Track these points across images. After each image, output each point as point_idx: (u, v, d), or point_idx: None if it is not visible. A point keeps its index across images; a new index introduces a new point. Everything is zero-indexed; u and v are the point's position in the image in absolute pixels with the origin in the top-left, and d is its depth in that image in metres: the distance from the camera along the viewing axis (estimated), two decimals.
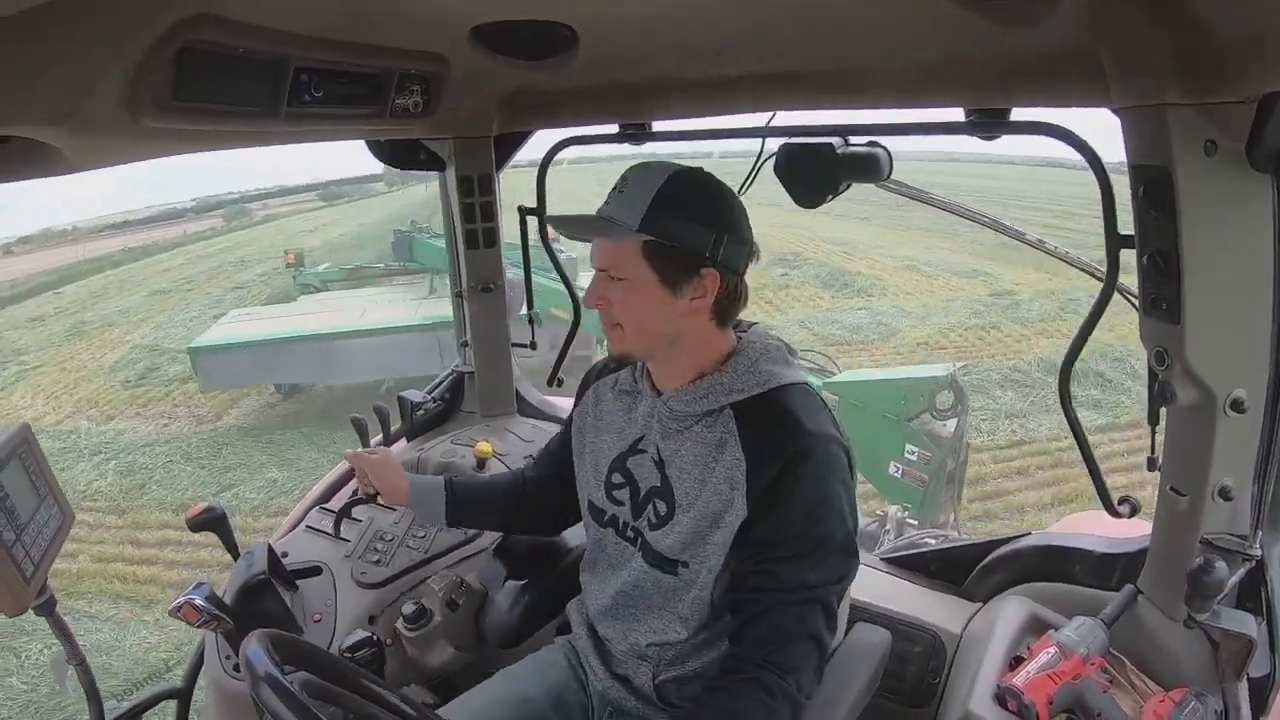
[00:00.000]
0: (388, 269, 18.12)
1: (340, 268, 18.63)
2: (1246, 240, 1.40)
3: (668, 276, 1.54)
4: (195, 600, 1.78)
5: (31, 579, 1.62)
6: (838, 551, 1.53)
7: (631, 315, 1.59)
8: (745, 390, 1.59)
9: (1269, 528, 1.58)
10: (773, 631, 1.50)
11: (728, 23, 1.71)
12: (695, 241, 1.53)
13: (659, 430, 1.67)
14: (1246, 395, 1.47)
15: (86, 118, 1.28)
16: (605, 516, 1.77)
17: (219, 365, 12.75)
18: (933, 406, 6.59)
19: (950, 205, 2.52)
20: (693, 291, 1.55)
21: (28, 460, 1.71)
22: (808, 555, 1.50)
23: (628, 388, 1.79)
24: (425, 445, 2.92)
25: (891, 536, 5.81)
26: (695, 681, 1.66)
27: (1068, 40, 1.43)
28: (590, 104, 2.35)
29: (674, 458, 1.64)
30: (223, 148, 1.87)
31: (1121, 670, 1.69)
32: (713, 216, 1.55)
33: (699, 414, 1.61)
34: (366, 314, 14.10)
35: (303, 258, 18.38)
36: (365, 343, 12.86)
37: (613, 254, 1.57)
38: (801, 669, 1.49)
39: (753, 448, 1.55)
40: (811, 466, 1.51)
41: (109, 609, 7.70)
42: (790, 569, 1.50)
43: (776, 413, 1.57)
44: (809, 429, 1.53)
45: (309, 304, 15.99)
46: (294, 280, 17.75)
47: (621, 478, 1.73)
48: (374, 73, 1.85)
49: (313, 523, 2.50)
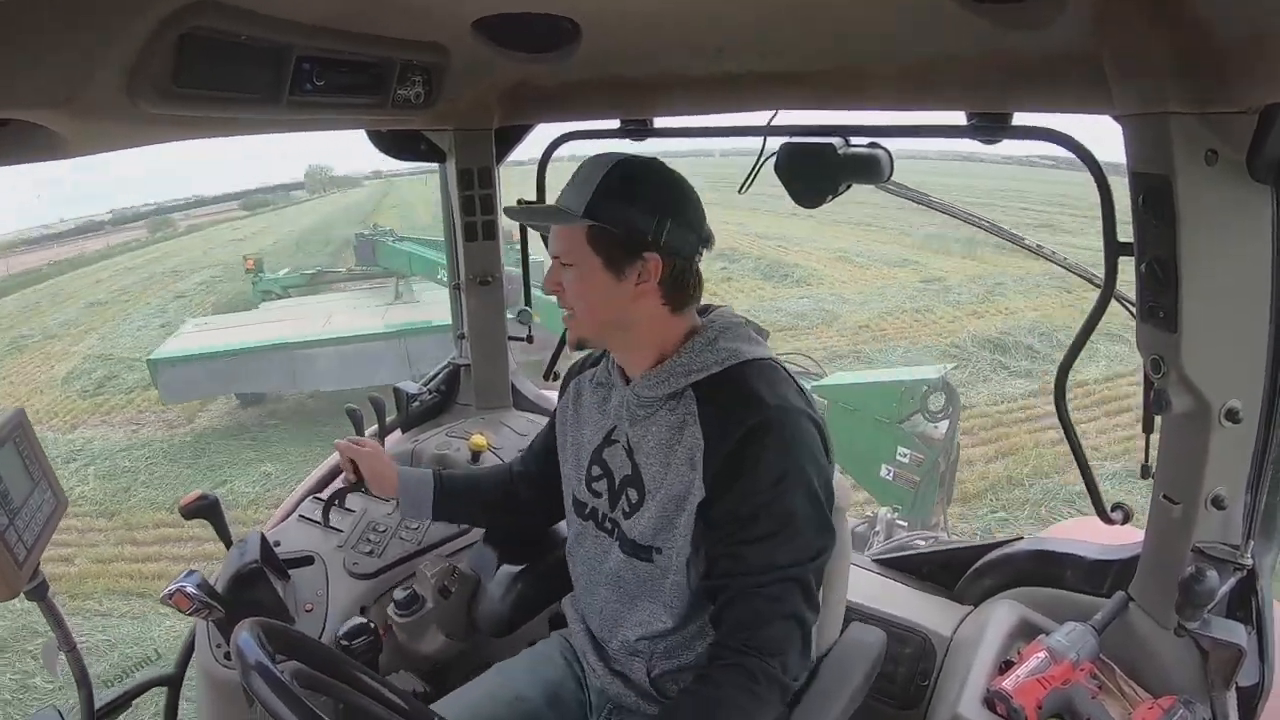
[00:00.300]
0: (350, 274, 17.89)
1: (301, 273, 18.32)
2: (1245, 250, 1.40)
3: (611, 260, 1.56)
4: (186, 588, 1.78)
5: (24, 563, 1.62)
6: (808, 528, 1.51)
7: (581, 300, 1.62)
8: (705, 369, 1.59)
9: (1261, 538, 1.59)
10: (750, 615, 1.49)
11: (730, 20, 1.70)
12: (637, 225, 1.54)
13: (627, 418, 1.67)
14: (1242, 405, 1.47)
15: (86, 102, 1.28)
16: (586, 509, 1.77)
17: (180, 377, 12.57)
18: (925, 408, 6.59)
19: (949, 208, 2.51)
20: (636, 275, 1.56)
21: (21, 444, 1.71)
22: (775, 534, 1.49)
23: (603, 380, 1.79)
24: (420, 437, 2.92)
25: (881, 538, 5.82)
26: (690, 673, 1.65)
27: (1070, 45, 1.42)
28: (591, 98, 2.35)
29: (641, 443, 1.64)
30: (223, 134, 1.86)
31: (1111, 677, 1.69)
32: (654, 202, 1.56)
33: (662, 397, 1.61)
34: (332, 321, 13.99)
35: (262, 263, 17.97)
36: (332, 352, 12.73)
37: (563, 240, 1.60)
38: (785, 650, 1.48)
39: (712, 425, 1.56)
40: (774, 439, 1.50)
41: (122, 605, 7.85)
42: (758, 550, 1.49)
43: (736, 388, 1.56)
44: (770, 402, 1.52)
45: (271, 311, 15.78)
46: (254, 286, 17.39)
47: (599, 469, 1.74)
48: (375, 62, 1.84)
49: (306, 512, 2.50)
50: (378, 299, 15.62)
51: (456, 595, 2.11)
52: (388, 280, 16.35)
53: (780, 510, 1.49)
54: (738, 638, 1.49)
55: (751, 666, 1.46)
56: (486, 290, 2.99)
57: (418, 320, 13.34)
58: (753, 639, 1.48)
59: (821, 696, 1.69)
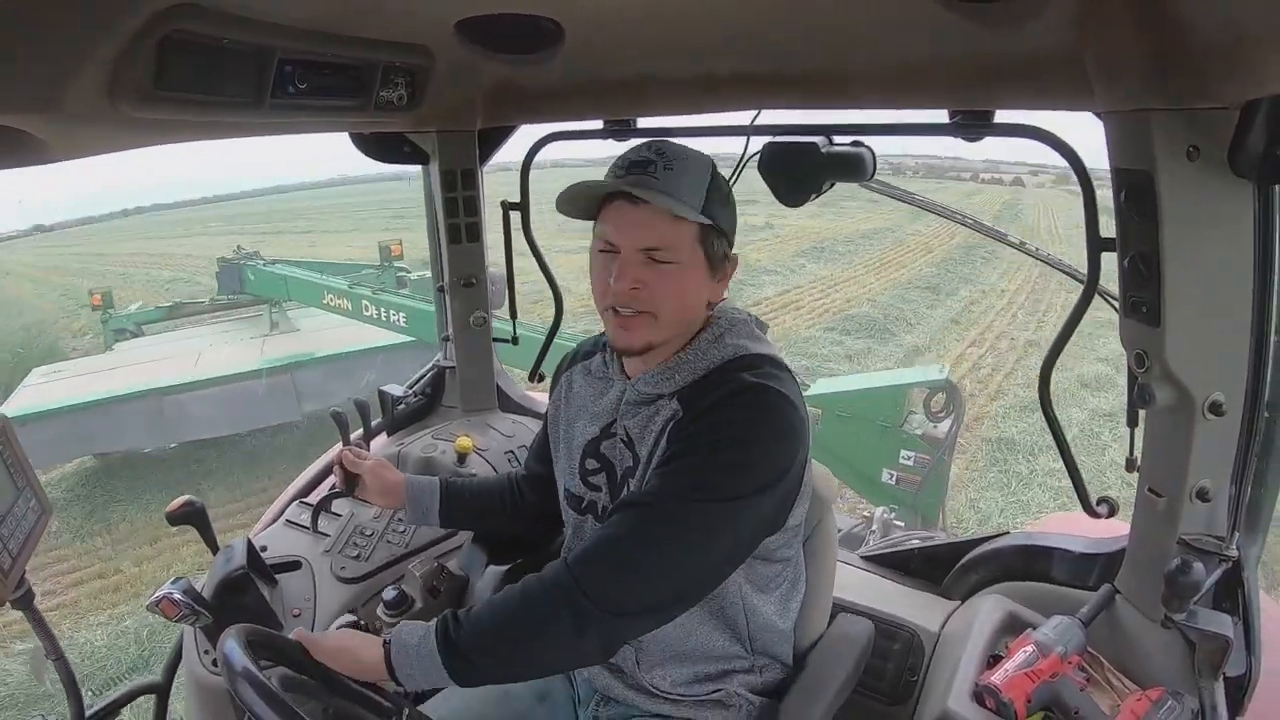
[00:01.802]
0: (213, 304, 16.11)
1: (156, 306, 16.30)
2: (1227, 245, 1.41)
3: (713, 262, 1.56)
4: (173, 594, 1.76)
5: (9, 572, 1.60)
6: (732, 474, 1.44)
7: (674, 300, 1.54)
8: (709, 365, 1.58)
9: (1246, 529, 1.61)
10: (598, 530, 1.50)
11: (713, 21, 1.70)
12: (729, 228, 1.58)
13: (626, 412, 1.66)
14: (1225, 398, 1.48)
15: (69, 107, 1.27)
16: (583, 503, 1.74)
17: (28, 439, 10.02)
18: (929, 410, 6.60)
19: (931, 205, 2.53)
20: (722, 277, 1.60)
21: (5, 453, 1.69)
22: (689, 460, 1.45)
23: (600, 373, 1.77)
24: (406, 440, 2.91)
25: (877, 537, 5.82)
26: (675, 661, 1.65)
27: (1052, 43, 1.43)
28: (575, 100, 2.34)
29: (642, 435, 1.62)
30: (206, 138, 1.85)
31: (1099, 669, 1.70)
32: (731, 207, 1.60)
33: (666, 394, 1.60)
34: (202, 360, 12.52)
35: (110, 297, 15.70)
36: (207, 395, 11.24)
37: (669, 234, 1.50)
38: (596, 570, 1.42)
39: (686, 400, 1.55)
40: (740, 401, 1.48)
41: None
42: (665, 475, 1.47)
43: (727, 372, 1.55)
44: (748, 379, 1.50)
45: (129, 352, 14.05)
46: (103, 325, 15.19)
47: (596, 463, 1.71)
48: (358, 65, 1.84)
49: (292, 517, 2.49)
50: (250, 330, 14.30)
51: (445, 595, 2.10)
52: (259, 308, 15.07)
53: (705, 449, 1.45)
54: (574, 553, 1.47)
55: (545, 571, 1.45)
56: (471, 292, 2.98)
57: (301, 352, 12.28)
58: (578, 549, 1.46)
59: (809, 688, 1.70)
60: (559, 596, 1.40)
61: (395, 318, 11.39)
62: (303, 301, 13.92)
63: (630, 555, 1.42)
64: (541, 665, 1.50)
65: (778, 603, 1.69)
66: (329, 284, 12.84)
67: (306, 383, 11.44)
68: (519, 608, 1.41)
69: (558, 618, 1.39)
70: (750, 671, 1.69)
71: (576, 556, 1.43)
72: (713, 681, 1.67)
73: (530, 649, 1.41)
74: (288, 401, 11.24)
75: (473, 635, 1.39)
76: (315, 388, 11.34)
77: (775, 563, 1.66)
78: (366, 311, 11.84)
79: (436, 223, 2.93)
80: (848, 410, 6.84)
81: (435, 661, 1.39)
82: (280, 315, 14.58)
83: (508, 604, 1.42)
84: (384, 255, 15.58)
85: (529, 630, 1.40)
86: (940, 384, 6.64)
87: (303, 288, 13.61)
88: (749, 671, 1.69)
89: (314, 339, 13.01)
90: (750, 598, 1.63)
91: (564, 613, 1.39)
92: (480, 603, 1.45)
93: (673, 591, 1.46)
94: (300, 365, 11.76)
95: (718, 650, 1.65)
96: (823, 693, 1.70)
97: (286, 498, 2.80)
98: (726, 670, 1.67)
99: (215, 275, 15.51)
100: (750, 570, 1.61)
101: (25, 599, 1.71)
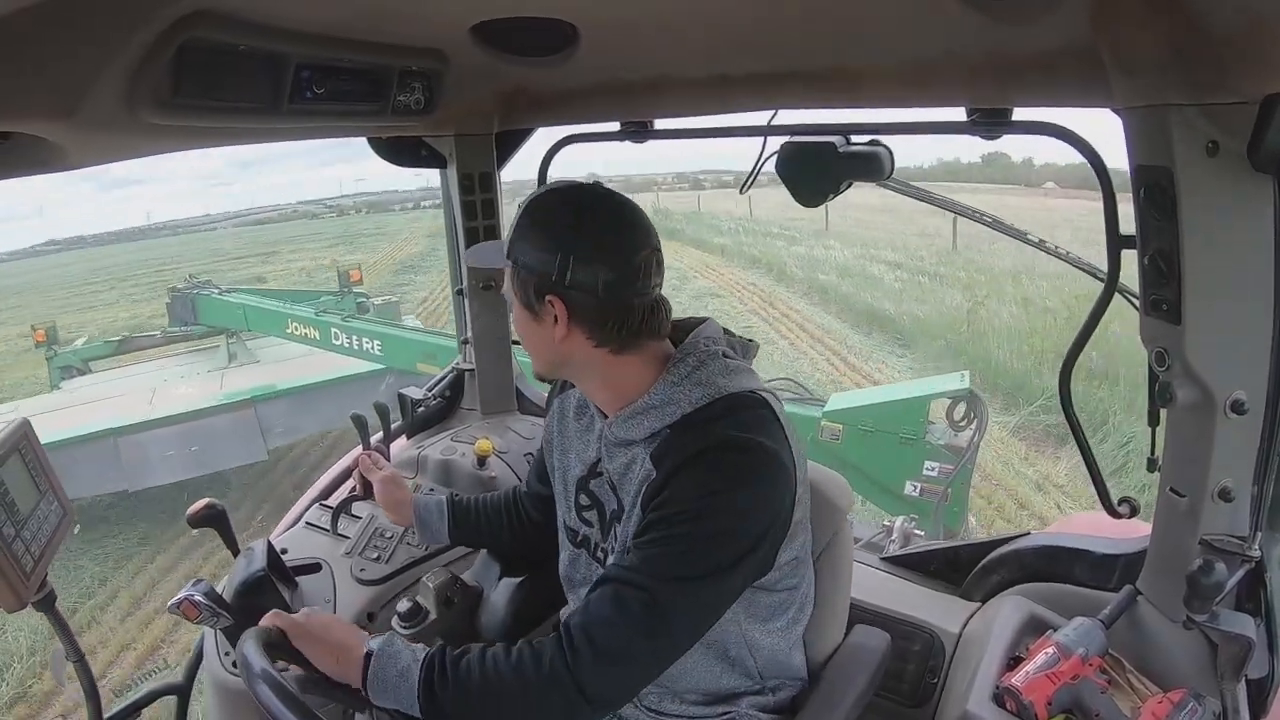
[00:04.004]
0: (165, 336, 14.81)
1: (104, 340, 14.91)
2: (1248, 241, 1.40)
3: (525, 302, 1.52)
4: (194, 596, 1.78)
5: (32, 574, 1.62)
6: (713, 549, 1.40)
7: (521, 339, 1.62)
8: (683, 406, 1.50)
9: (1268, 529, 1.58)
10: (586, 602, 1.44)
11: (728, 21, 1.70)
12: (539, 268, 1.48)
13: (607, 454, 1.62)
14: (1247, 396, 1.46)
15: (88, 114, 1.28)
16: (578, 537, 1.72)
17: None
18: (951, 419, 6.55)
19: (950, 204, 2.52)
20: (549, 317, 1.49)
21: (28, 455, 1.71)
22: (669, 542, 1.39)
23: (581, 409, 1.74)
24: (425, 443, 2.92)
25: (896, 546, 5.76)
26: (680, 697, 1.64)
27: (1068, 38, 1.42)
28: (591, 101, 2.35)
29: (622, 481, 1.58)
30: (224, 144, 1.87)
31: (1120, 671, 1.69)
32: (555, 241, 1.47)
33: (639, 440, 1.54)
34: (157, 397, 11.45)
35: (55, 332, 14.31)
36: (167, 434, 10.17)
37: (505, 278, 1.59)
38: (583, 651, 1.37)
39: (659, 458, 1.48)
40: (708, 462, 1.41)
41: None
42: (642, 552, 1.41)
43: (697, 423, 1.48)
44: (721, 432, 1.44)
45: (76, 391, 12.86)
46: (49, 362, 13.85)
47: (588, 499, 1.69)
48: (375, 70, 1.85)
49: (312, 519, 2.50)
50: (207, 363, 13.28)
51: (459, 606, 2.11)
52: (215, 339, 14.08)
53: (688, 521, 1.39)
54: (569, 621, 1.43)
55: (541, 649, 1.40)
56: (489, 295, 2.99)
57: (262, 384, 11.33)
58: (570, 624, 1.41)
59: (826, 702, 1.68)
60: (552, 684, 1.36)
61: (369, 345, 10.90)
62: (264, 331, 13.21)
63: (629, 649, 1.39)
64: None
65: (783, 630, 1.63)
66: (293, 312, 12.28)
67: (271, 415, 10.71)
68: (511, 683, 1.37)
69: (547, 706, 1.38)
70: (761, 693, 1.66)
71: (573, 648, 1.38)
72: (722, 704, 1.64)
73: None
74: (251, 437, 10.37)
75: (457, 694, 1.37)
76: (279, 421, 10.71)
77: (778, 592, 1.59)
78: (336, 340, 11.28)
79: (455, 226, 2.94)
80: (870, 424, 6.74)
81: (412, 701, 1.37)
82: (238, 346, 13.67)
83: (499, 675, 1.38)
84: (343, 282, 14.82)
85: (514, 709, 1.38)
86: (962, 393, 6.58)
87: (263, 317, 12.90)
88: (759, 693, 1.66)
89: (277, 370, 12.15)
90: (751, 632, 1.58)
91: (554, 702, 1.37)
92: (472, 654, 1.41)
93: (649, 676, 1.46)
94: (266, 399, 10.90)
95: (726, 683, 1.62)
96: (840, 706, 1.68)
97: (307, 500, 2.82)
98: (735, 693, 1.64)
99: (166, 306, 14.67)
100: (750, 605, 1.55)
101: (47, 601, 1.73)
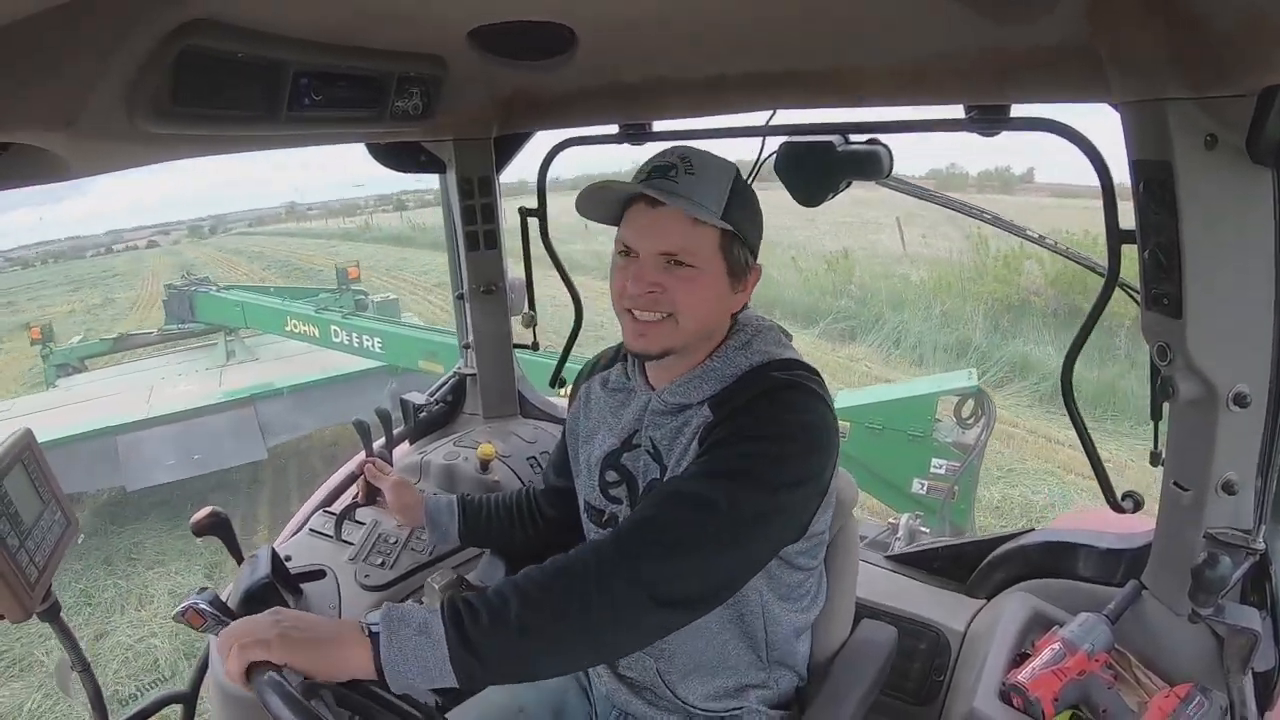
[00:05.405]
0: (162, 334, 15.07)
1: (101, 339, 15.14)
2: (1248, 234, 1.40)
3: (734, 270, 1.51)
4: (199, 604, 1.77)
5: (36, 584, 1.61)
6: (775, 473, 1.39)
7: (693, 307, 1.49)
8: (736, 372, 1.54)
9: (1273, 522, 1.58)
10: (645, 506, 1.43)
11: (725, 22, 1.70)
12: (754, 239, 1.54)
13: (651, 423, 1.62)
14: (1249, 389, 1.47)
15: (87, 123, 1.28)
16: (604, 517, 1.71)
17: None
18: (959, 416, 6.55)
19: (951, 201, 2.51)
20: (744, 286, 1.56)
21: (30, 465, 1.71)
22: (732, 463, 1.39)
23: (619, 385, 1.73)
24: (428, 448, 2.92)
25: (902, 544, 5.76)
26: (696, 673, 1.63)
27: (1066, 35, 1.42)
28: (590, 104, 2.35)
29: (670, 445, 1.58)
30: (223, 152, 1.87)
31: (1126, 666, 1.69)
32: (759, 214, 1.57)
33: (695, 403, 1.56)
34: (155, 395, 11.49)
35: (51, 330, 14.51)
36: (164, 433, 10.14)
37: (688, 238, 1.47)
38: (653, 560, 1.31)
39: (719, 405, 1.51)
40: (780, 399, 1.44)
41: None
42: (701, 465, 1.43)
43: (758, 375, 1.52)
44: (782, 378, 1.48)
45: (73, 389, 12.88)
46: (45, 361, 13.96)
47: (617, 475, 1.68)
48: (373, 76, 1.85)
49: (316, 526, 2.50)
50: (205, 360, 13.36)
51: None
52: (212, 337, 14.29)
53: (750, 437, 1.42)
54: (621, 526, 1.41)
55: (586, 552, 1.35)
56: (490, 299, 2.99)
57: (261, 382, 11.39)
58: (620, 528, 1.40)
59: (833, 696, 1.69)
60: (607, 575, 1.28)
61: (370, 343, 10.95)
62: (262, 329, 13.34)
63: (683, 541, 1.33)
64: (569, 658, 1.34)
65: (798, 612, 1.66)
66: (292, 309, 12.40)
67: (270, 414, 10.69)
68: (558, 586, 1.28)
69: (602, 603, 1.27)
70: (765, 686, 1.67)
71: (625, 537, 1.34)
72: (731, 698, 1.65)
73: (560, 640, 1.27)
74: (250, 436, 10.36)
75: (495, 625, 1.24)
76: (278, 419, 10.70)
77: (799, 570, 1.61)
78: (336, 337, 11.48)
79: (455, 231, 2.95)
80: (878, 421, 6.75)
81: (442, 658, 1.25)
82: (237, 344, 13.90)
83: (541, 584, 1.28)
84: (341, 279, 14.92)
85: (567, 614, 1.26)
86: (970, 391, 6.58)
87: (261, 314, 13.08)
88: (764, 686, 1.67)
89: (275, 368, 12.21)
90: (771, 606, 1.60)
91: (608, 598, 1.27)
92: (499, 582, 1.31)
93: (716, 584, 1.38)
94: (265, 397, 10.91)
95: (735, 660, 1.63)
96: (847, 700, 1.68)
97: (310, 507, 2.81)
98: (743, 685, 1.65)
99: (163, 303, 14.89)
100: (772, 578, 1.58)
101: (52, 610, 1.72)
